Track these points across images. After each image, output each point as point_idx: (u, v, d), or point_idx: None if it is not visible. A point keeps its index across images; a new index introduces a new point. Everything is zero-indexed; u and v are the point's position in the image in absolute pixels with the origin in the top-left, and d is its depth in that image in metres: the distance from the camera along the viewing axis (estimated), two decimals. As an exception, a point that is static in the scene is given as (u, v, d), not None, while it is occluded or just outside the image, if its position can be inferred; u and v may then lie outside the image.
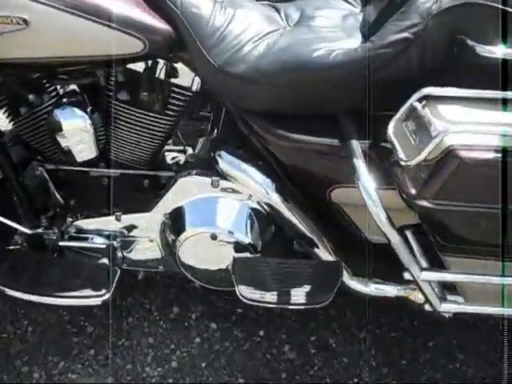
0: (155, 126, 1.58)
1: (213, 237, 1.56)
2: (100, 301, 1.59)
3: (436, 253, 1.38)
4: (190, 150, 1.81)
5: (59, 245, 1.69)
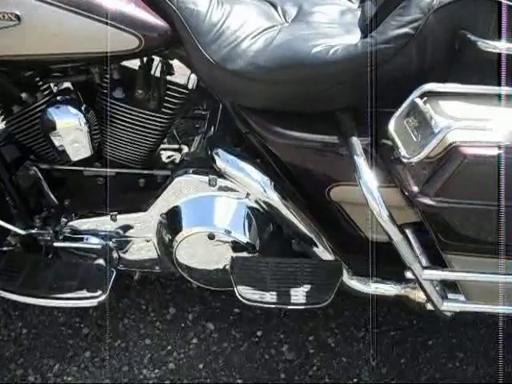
0: (151, 125, 1.57)
1: (210, 236, 1.55)
2: (96, 302, 1.58)
3: (436, 251, 1.37)
4: (186, 149, 1.80)
5: (54, 246, 1.67)
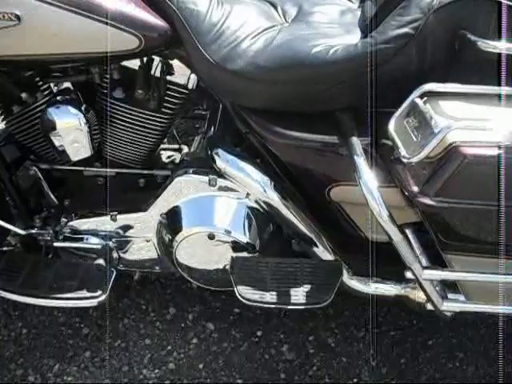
0: (151, 125, 1.56)
1: (210, 236, 1.54)
2: (96, 302, 1.58)
3: (436, 251, 1.37)
4: (186, 149, 1.80)
5: (54, 246, 1.67)
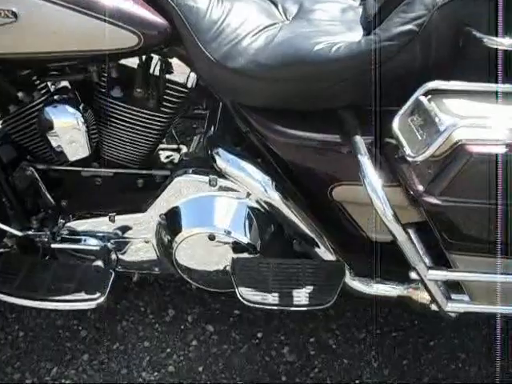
0: (150, 124, 1.55)
1: (210, 237, 1.53)
2: (94, 304, 1.56)
3: (437, 252, 1.35)
4: (185, 149, 1.78)
5: (51, 247, 1.65)
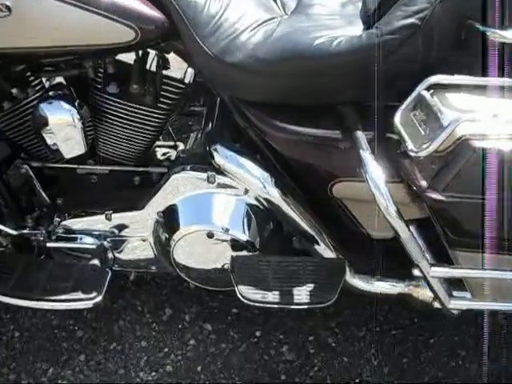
0: (146, 120, 1.53)
1: (209, 235, 1.51)
2: (91, 304, 1.54)
3: (438, 249, 1.34)
4: (181, 146, 1.76)
5: (46, 246, 1.63)
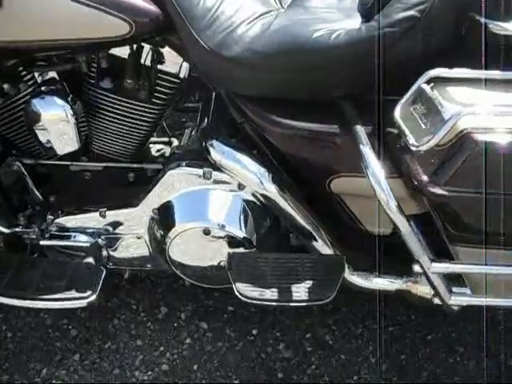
0: (141, 116, 1.52)
1: (205, 232, 1.49)
2: (85, 302, 1.52)
3: (435, 245, 1.33)
4: (176, 142, 1.75)
5: (40, 244, 1.61)
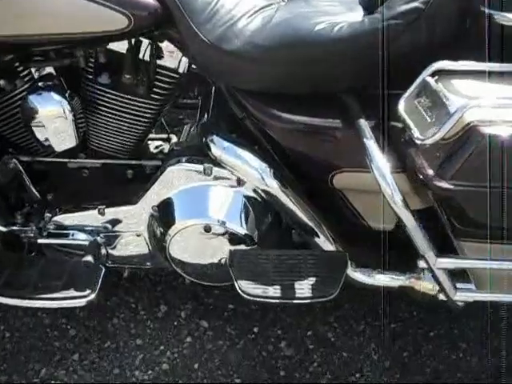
0: (139, 112, 1.50)
1: (206, 229, 1.47)
2: (85, 302, 1.51)
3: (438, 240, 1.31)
4: (174, 138, 1.73)
5: (38, 243, 1.59)
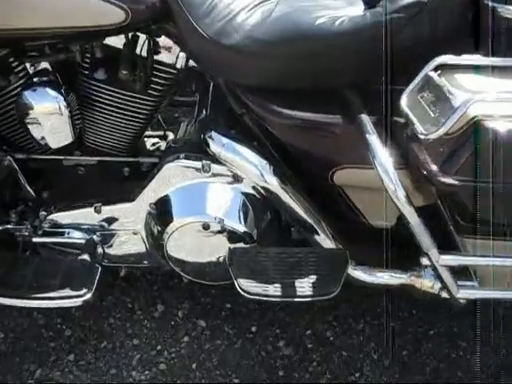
0: (136, 108, 1.48)
1: (204, 226, 1.46)
2: (81, 301, 1.48)
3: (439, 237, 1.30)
4: (171, 135, 1.71)
5: (32, 241, 1.57)
